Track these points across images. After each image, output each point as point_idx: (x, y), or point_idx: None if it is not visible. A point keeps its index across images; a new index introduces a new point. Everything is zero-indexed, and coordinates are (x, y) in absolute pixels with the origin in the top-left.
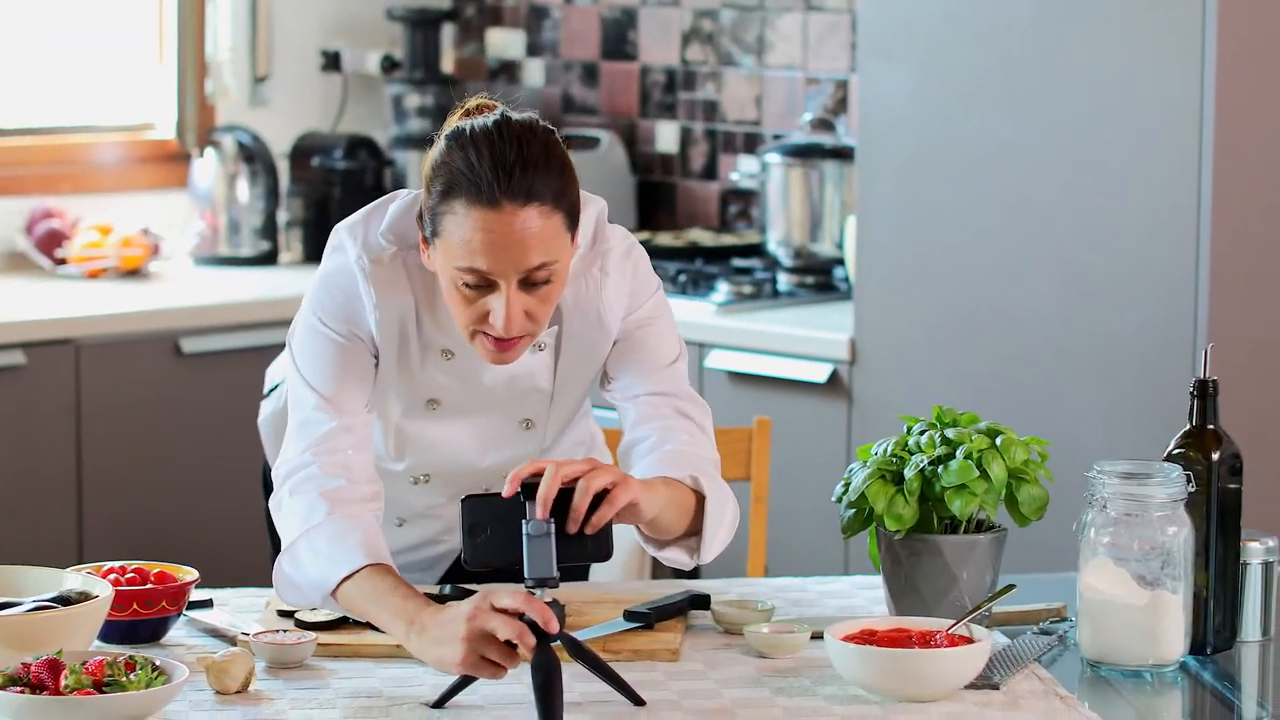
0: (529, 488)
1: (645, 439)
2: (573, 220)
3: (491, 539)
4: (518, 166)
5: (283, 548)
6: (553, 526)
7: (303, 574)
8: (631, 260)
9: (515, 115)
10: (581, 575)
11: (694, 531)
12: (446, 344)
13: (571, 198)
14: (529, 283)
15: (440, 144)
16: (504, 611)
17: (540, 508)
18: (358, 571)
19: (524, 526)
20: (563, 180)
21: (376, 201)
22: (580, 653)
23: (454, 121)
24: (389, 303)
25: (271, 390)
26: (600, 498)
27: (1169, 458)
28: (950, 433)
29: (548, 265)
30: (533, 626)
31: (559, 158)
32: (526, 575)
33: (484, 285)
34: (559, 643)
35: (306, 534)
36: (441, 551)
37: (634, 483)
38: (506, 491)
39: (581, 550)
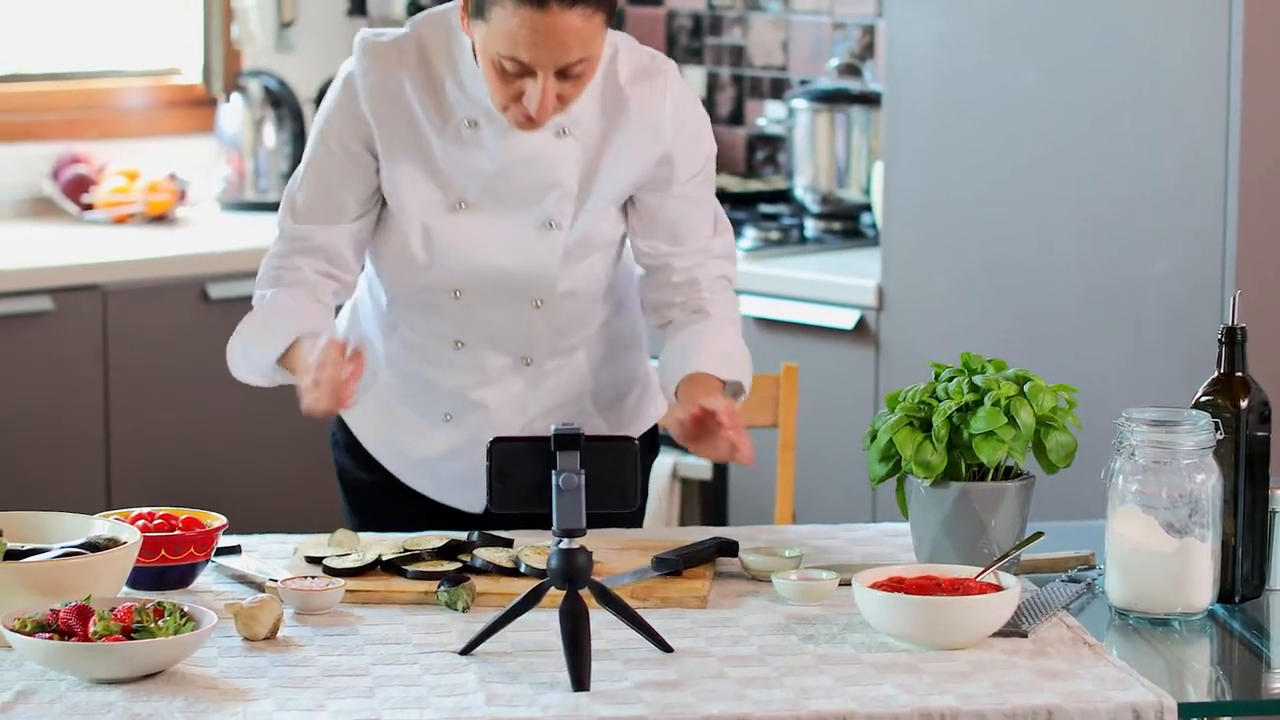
0: (560, 437)
1: (677, 306)
2: (611, 14)
3: (519, 484)
4: None
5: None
6: (583, 478)
7: (248, 357)
8: (693, 105)
9: None
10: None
11: None
12: (471, 113)
13: (613, 2)
14: (564, 74)
15: None
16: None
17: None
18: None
19: (554, 477)
20: None
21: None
22: (608, 600)
23: None
24: (388, 74)
25: None
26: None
27: (1197, 405)
28: (978, 379)
29: (584, 60)
30: (561, 576)
31: None
32: (555, 526)
33: (521, 72)
34: (587, 590)
35: (249, 316)
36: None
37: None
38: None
39: (609, 500)
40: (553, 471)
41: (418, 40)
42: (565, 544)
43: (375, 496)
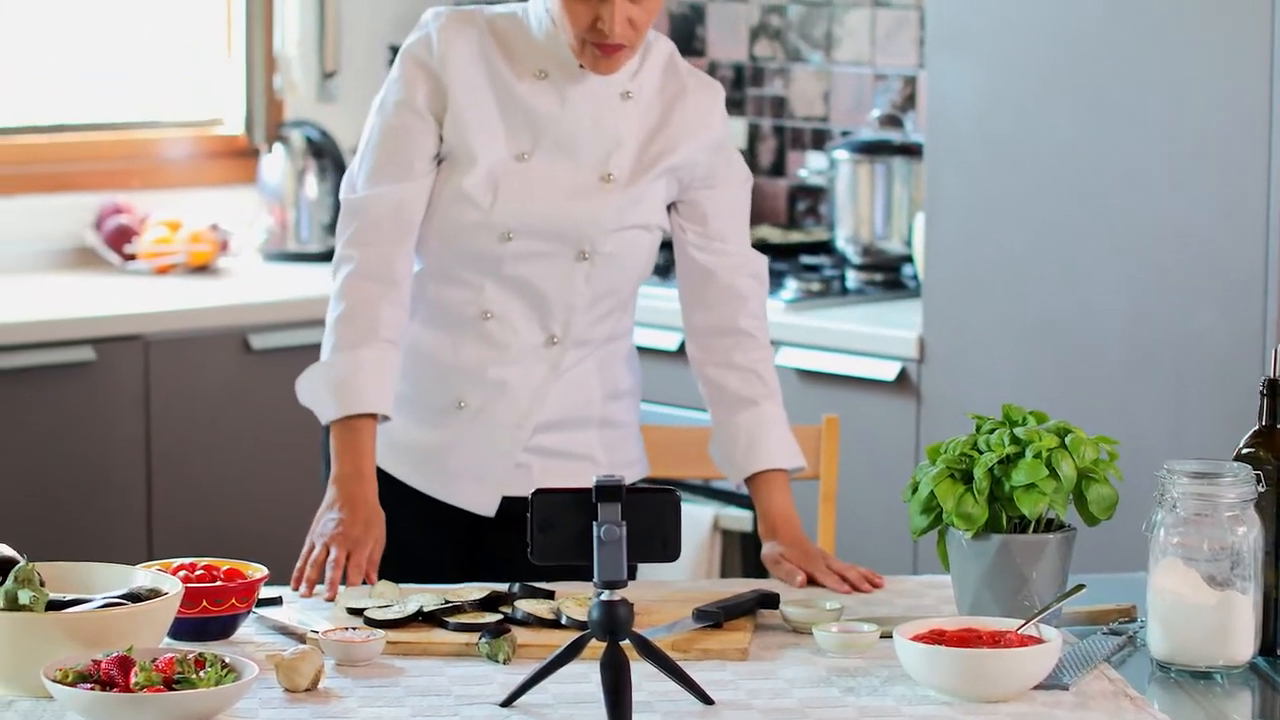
0: (602, 488)
1: (736, 369)
2: None
3: (561, 536)
4: None
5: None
6: (625, 530)
7: (313, 399)
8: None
9: None
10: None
11: None
12: (541, 64)
13: None
14: None
15: None
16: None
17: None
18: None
19: (595, 529)
20: None
21: None
22: (649, 651)
23: None
24: (463, 35)
25: None
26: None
27: (1239, 457)
28: (1019, 431)
29: None
30: (602, 627)
31: None
32: (596, 577)
33: None
34: (628, 641)
35: (324, 365)
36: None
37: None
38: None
39: (650, 552)
40: (594, 523)
41: (485, 14)
42: (606, 595)
43: (382, 502)
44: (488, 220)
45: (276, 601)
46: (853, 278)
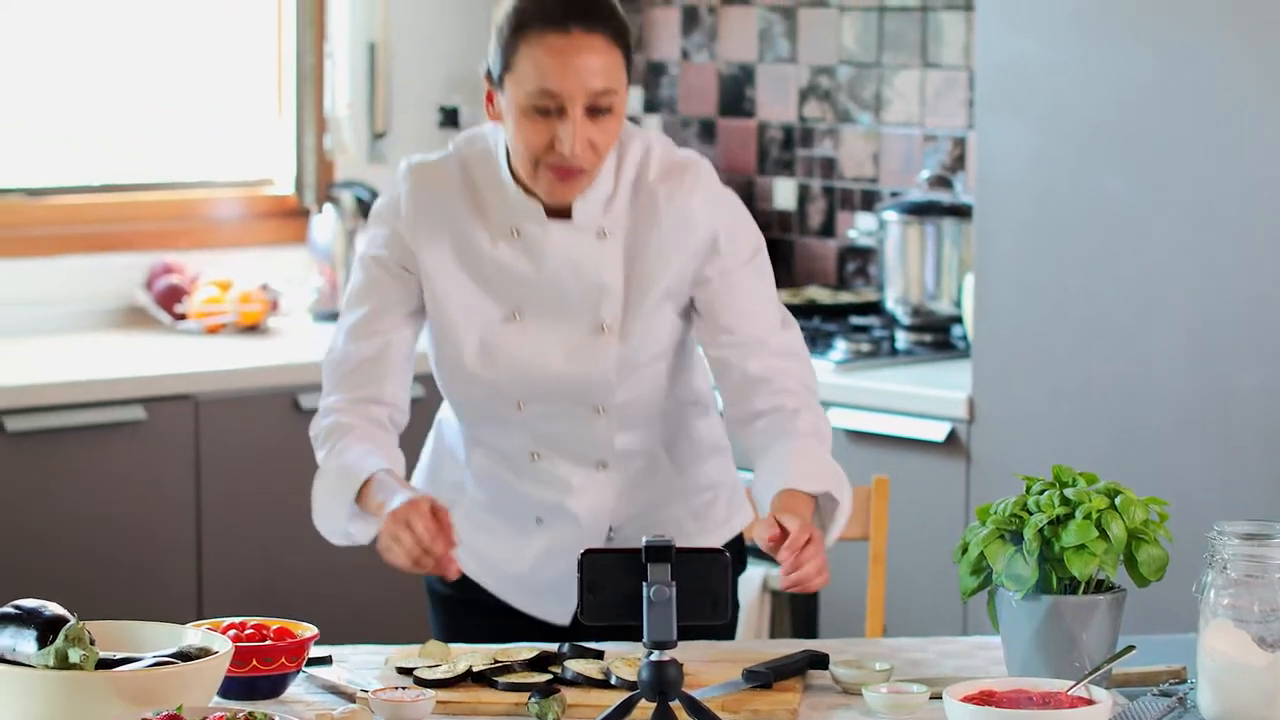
0: (651, 549)
1: (767, 414)
2: (629, 67)
3: (610, 596)
4: (584, 2)
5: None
6: (674, 590)
7: (330, 527)
8: (729, 198)
9: None
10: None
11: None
12: (514, 221)
13: (628, 45)
14: (594, 110)
15: (506, 2)
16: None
17: (788, 555)
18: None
19: (645, 590)
20: (623, 25)
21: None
22: (699, 712)
23: None
24: (432, 199)
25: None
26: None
27: None
28: (1069, 492)
29: (611, 94)
30: (651, 688)
31: (619, 11)
32: (646, 638)
33: (552, 111)
34: (677, 702)
35: (317, 490)
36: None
37: (826, 571)
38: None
39: (700, 612)
40: (644, 583)
41: (459, 158)
42: (656, 656)
43: (463, 609)
44: (495, 391)
45: (326, 661)
46: (902, 338)
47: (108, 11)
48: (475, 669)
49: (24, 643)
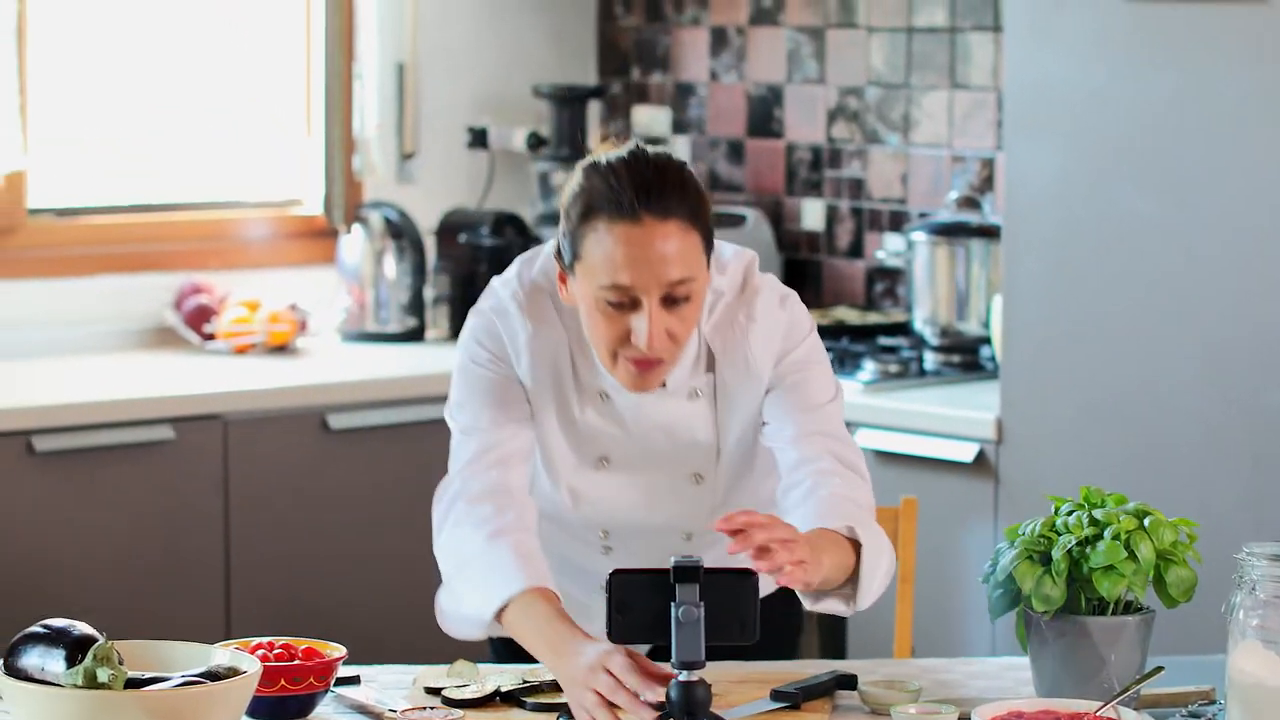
0: (680, 570)
1: (799, 484)
2: (708, 244)
3: (639, 617)
4: (656, 185)
5: (442, 581)
6: (703, 610)
7: (460, 609)
8: (786, 309)
9: (649, 146)
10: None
11: (850, 579)
12: (602, 386)
13: (706, 222)
14: (670, 300)
15: (577, 174)
16: (611, 674)
17: (739, 541)
18: (511, 599)
19: (673, 610)
20: (698, 203)
21: (525, 254)
22: None
23: (589, 158)
24: (543, 334)
25: None
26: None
27: None
28: (1098, 513)
29: (687, 282)
30: (680, 709)
31: (694, 183)
32: (674, 658)
33: (626, 304)
34: None
35: (461, 568)
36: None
37: (805, 547)
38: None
39: (728, 632)
40: (672, 604)
41: (553, 301)
42: (685, 676)
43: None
44: (582, 521)
45: (354, 680)
46: (930, 359)
47: (136, 32)
48: (504, 689)
49: (53, 662)
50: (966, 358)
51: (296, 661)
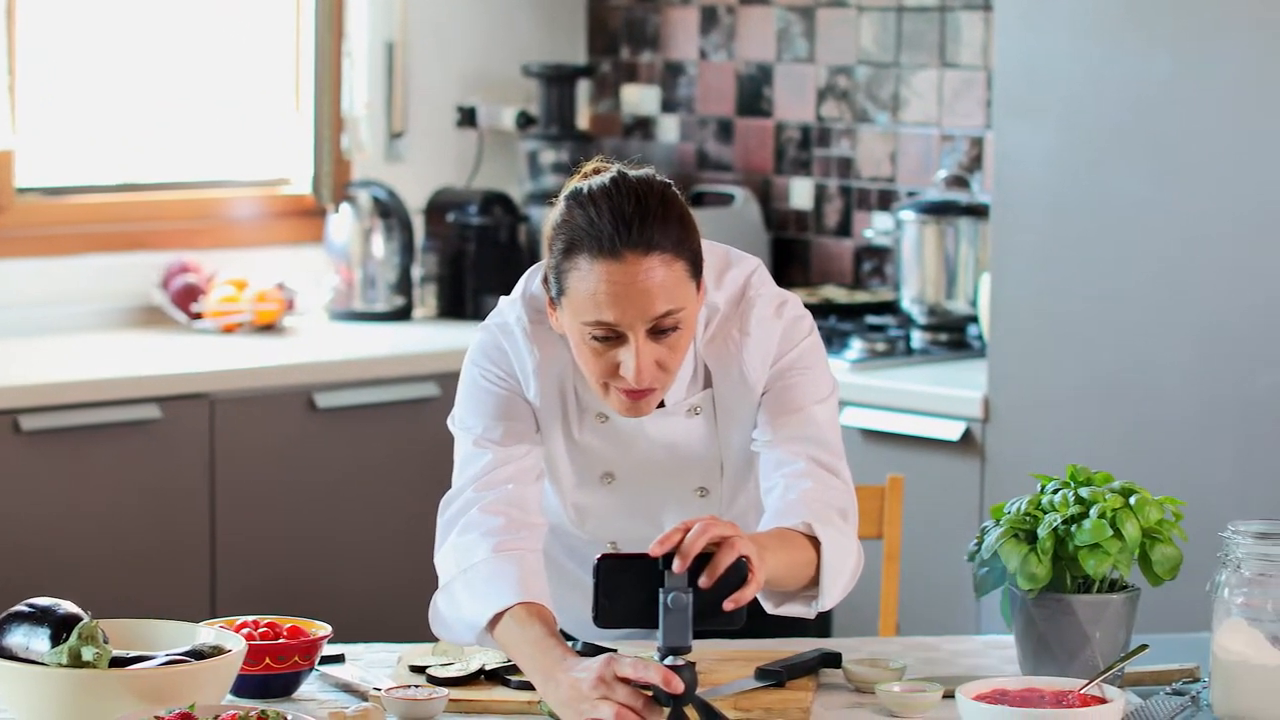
0: (669, 555)
1: (774, 488)
2: (696, 268)
3: (626, 603)
4: (636, 218)
5: (440, 585)
6: (691, 597)
7: (457, 613)
8: (782, 320)
9: (631, 172)
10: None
11: (814, 581)
12: (600, 408)
13: (692, 246)
14: (657, 331)
15: (560, 205)
16: (626, 681)
17: (679, 561)
18: (507, 610)
19: (662, 596)
20: (682, 229)
21: (530, 269)
22: (711, 715)
23: (572, 183)
24: (551, 358)
25: None
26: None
27: None
28: (1084, 492)
29: (674, 313)
30: (665, 693)
31: (677, 208)
32: (661, 644)
33: (612, 337)
34: (690, 704)
35: (464, 572)
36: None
37: (744, 542)
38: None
39: (715, 619)
40: (661, 590)
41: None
42: (670, 661)
43: None
44: (588, 535)
45: (339, 659)
46: (918, 338)
47: (125, 11)
48: (488, 667)
49: (37, 641)
50: (954, 336)
51: (281, 640)
